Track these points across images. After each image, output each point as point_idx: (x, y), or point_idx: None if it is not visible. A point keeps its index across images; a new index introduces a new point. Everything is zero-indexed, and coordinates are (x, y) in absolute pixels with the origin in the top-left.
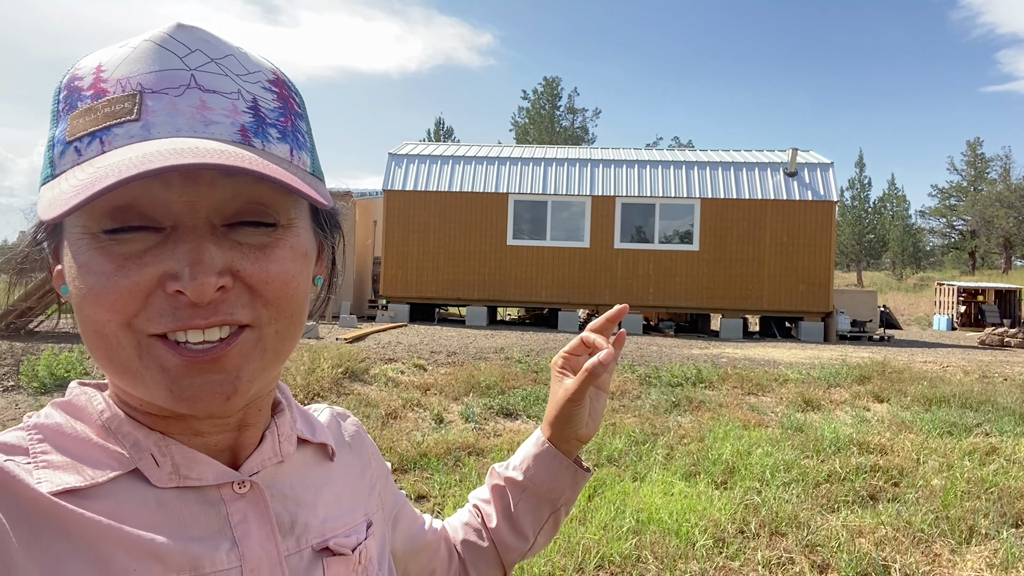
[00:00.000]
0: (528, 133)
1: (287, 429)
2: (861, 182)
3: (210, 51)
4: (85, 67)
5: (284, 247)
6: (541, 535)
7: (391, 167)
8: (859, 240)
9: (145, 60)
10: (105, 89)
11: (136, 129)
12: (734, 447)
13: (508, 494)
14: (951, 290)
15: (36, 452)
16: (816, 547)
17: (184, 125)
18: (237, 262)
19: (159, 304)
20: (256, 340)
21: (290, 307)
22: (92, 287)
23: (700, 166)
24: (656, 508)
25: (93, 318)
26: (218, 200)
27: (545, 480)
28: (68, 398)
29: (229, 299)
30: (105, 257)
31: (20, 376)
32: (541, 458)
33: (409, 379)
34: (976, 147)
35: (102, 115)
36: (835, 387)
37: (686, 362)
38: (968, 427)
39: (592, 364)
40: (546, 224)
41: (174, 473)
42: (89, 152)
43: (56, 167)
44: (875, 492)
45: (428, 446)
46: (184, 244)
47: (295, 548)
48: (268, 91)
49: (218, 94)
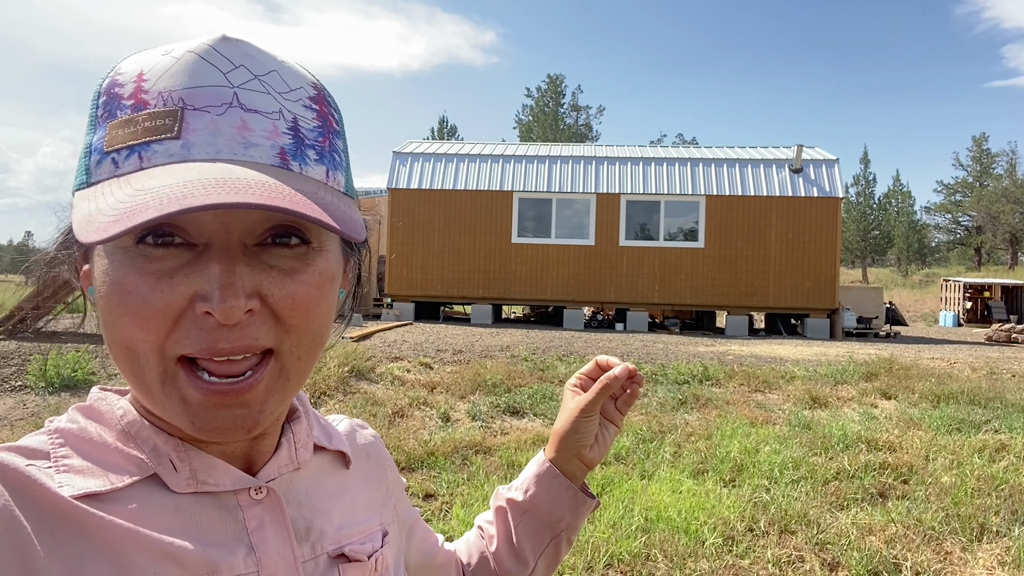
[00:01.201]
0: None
1: (303, 436)
2: (866, 178)
3: (253, 67)
4: (127, 73)
5: (312, 272)
6: (542, 560)
7: (395, 166)
8: (864, 237)
9: (188, 73)
10: (146, 101)
11: (176, 148)
12: (742, 445)
13: (509, 517)
14: (957, 286)
15: (57, 456)
16: (826, 545)
17: (224, 147)
18: (265, 286)
19: (188, 325)
20: (279, 371)
21: (311, 333)
22: (126, 305)
23: (705, 163)
24: (665, 506)
25: (125, 335)
26: (251, 222)
27: (545, 502)
28: (90, 403)
29: (255, 322)
30: (138, 276)
31: (28, 376)
32: (542, 478)
33: (415, 378)
34: (982, 142)
35: (142, 129)
36: (842, 384)
37: (692, 360)
38: (977, 424)
39: (608, 377)
40: (551, 222)
41: (192, 478)
42: (127, 166)
43: (92, 175)
44: (884, 489)
45: (435, 445)
46: (216, 265)
47: (311, 554)
48: (308, 109)
49: (259, 114)
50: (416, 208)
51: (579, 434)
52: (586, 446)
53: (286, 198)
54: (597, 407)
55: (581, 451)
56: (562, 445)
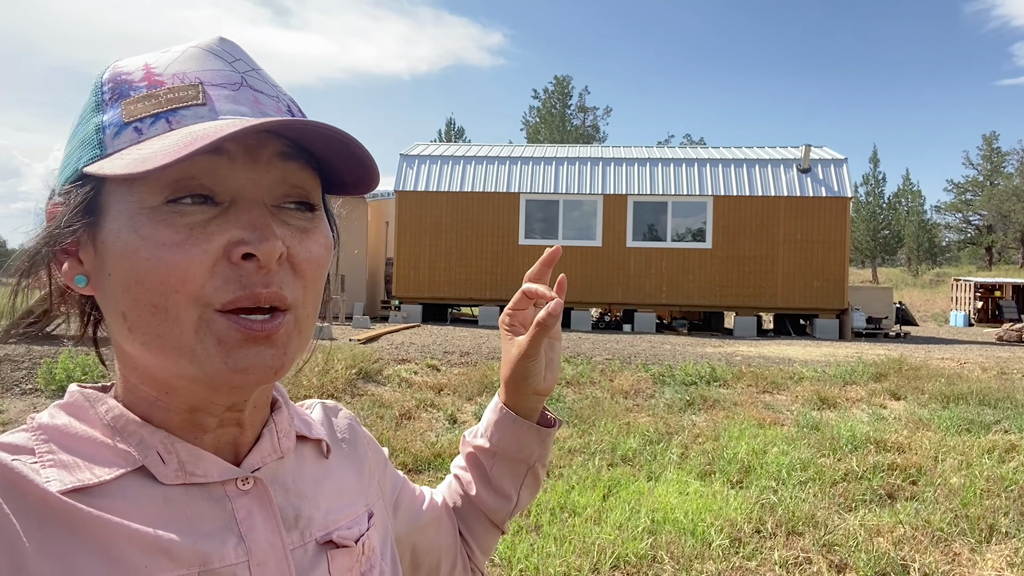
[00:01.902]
0: (539, 132)
1: (285, 426)
2: (875, 177)
3: (251, 63)
4: (129, 65)
5: (319, 233)
6: (523, 491)
7: (403, 168)
8: (874, 236)
9: (197, 60)
10: (161, 81)
11: (204, 111)
12: (749, 446)
13: (481, 461)
14: (968, 286)
15: (42, 452)
16: (834, 547)
17: (246, 112)
18: (287, 239)
19: (224, 272)
20: (295, 322)
21: (317, 290)
22: (162, 258)
23: (712, 163)
24: (671, 508)
25: (156, 289)
26: (271, 181)
27: (511, 444)
28: (70, 400)
29: (280, 272)
30: (171, 228)
31: (38, 379)
32: (502, 424)
33: (422, 379)
34: (992, 141)
35: (165, 100)
36: (851, 385)
37: (700, 360)
38: (987, 424)
39: (542, 317)
40: (558, 223)
41: (180, 470)
42: (153, 131)
43: (107, 147)
44: (893, 491)
45: (442, 446)
46: (248, 214)
47: (299, 542)
48: (293, 104)
49: (265, 95)
50: (423, 210)
51: (529, 377)
52: (537, 382)
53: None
54: (539, 347)
55: (534, 387)
56: (513, 389)
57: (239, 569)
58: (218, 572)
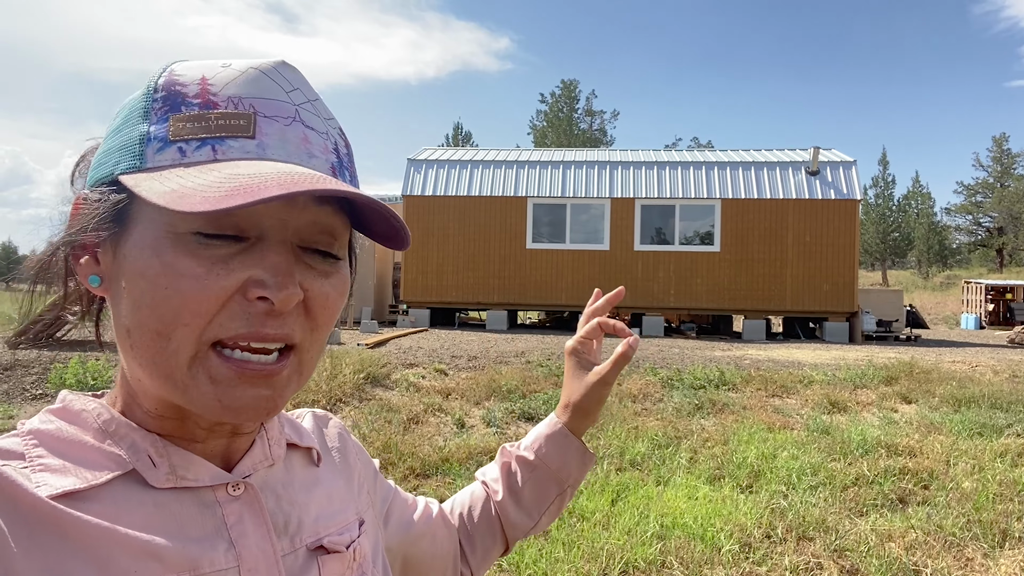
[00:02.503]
0: (546, 136)
1: (275, 433)
2: (885, 180)
3: (307, 92)
4: (186, 75)
5: (339, 278)
6: (546, 516)
7: (410, 172)
8: (884, 239)
9: (254, 85)
10: (215, 102)
11: (252, 146)
12: (759, 450)
13: (517, 472)
14: (979, 288)
15: (32, 456)
16: (845, 552)
17: (293, 153)
18: (307, 282)
19: (234, 308)
20: (298, 364)
21: (324, 335)
22: (179, 289)
23: (720, 166)
24: (681, 513)
25: (165, 318)
26: (303, 223)
27: (555, 460)
28: (61, 404)
29: (293, 314)
30: (194, 260)
31: (48, 384)
32: (554, 439)
33: (430, 384)
34: (1002, 142)
35: (215, 125)
36: (861, 388)
37: (709, 364)
38: (999, 428)
39: (624, 350)
40: (565, 227)
41: (171, 474)
42: (197, 156)
43: (147, 161)
44: (904, 495)
45: (450, 451)
46: (273, 256)
47: (290, 548)
48: (340, 137)
49: (315, 132)
50: (431, 215)
51: (601, 402)
52: (596, 409)
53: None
54: (615, 377)
55: (591, 413)
56: (582, 413)
57: (229, 574)
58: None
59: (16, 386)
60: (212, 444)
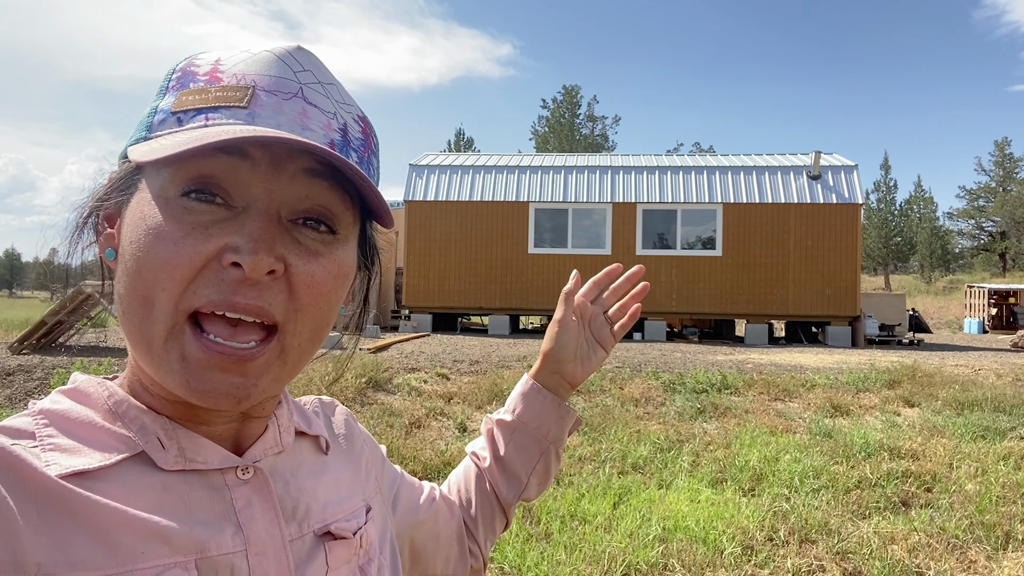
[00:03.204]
0: (548, 142)
1: (285, 421)
2: (887, 184)
3: (319, 75)
4: (204, 59)
5: (332, 260)
6: (533, 477)
7: (412, 178)
8: (886, 243)
9: (262, 64)
10: (220, 78)
11: (242, 115)
12: (761, 453)
13: (499, 437)
14: (982, 292)
15: (42, 436)
16: (847, 554)
17: (285, 123)
18: (291, 256)
19: (209, 275)
20: (280, 351)
21: (315, 320)
22: (158, 252)
23: (722, 171)
24: (683, 516)
25: (147, 281)
26: (293, 195)
27: (532, 417)
28: (73, 385)
29: (272, 288)
30: (176, 224)
31: (50, 389)
32: (527, 395)
33: (432, 388)
34: (1004, 147)
35: (213, 96)
36: (864, 392)
37: (711, 368)
38: (1002, 431)
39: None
40: (567, 232)
41: (180, 456)
42: (191, 124)
43: (152, 131)
44: (907, 498)
45: (452, 455)
46: (252, 223)
47: (298, 533)
48: (356, 123)
49: (318, 109)
50: (433, 220)
51: (555, 346)
52: (566, 360)
53: (346, 161)
54: (568, 317)
55: (562, 367)
56: (544, 361)
57: (236, 558)
58: (215, 560)
59: (19, 391)
60: (222, 428)
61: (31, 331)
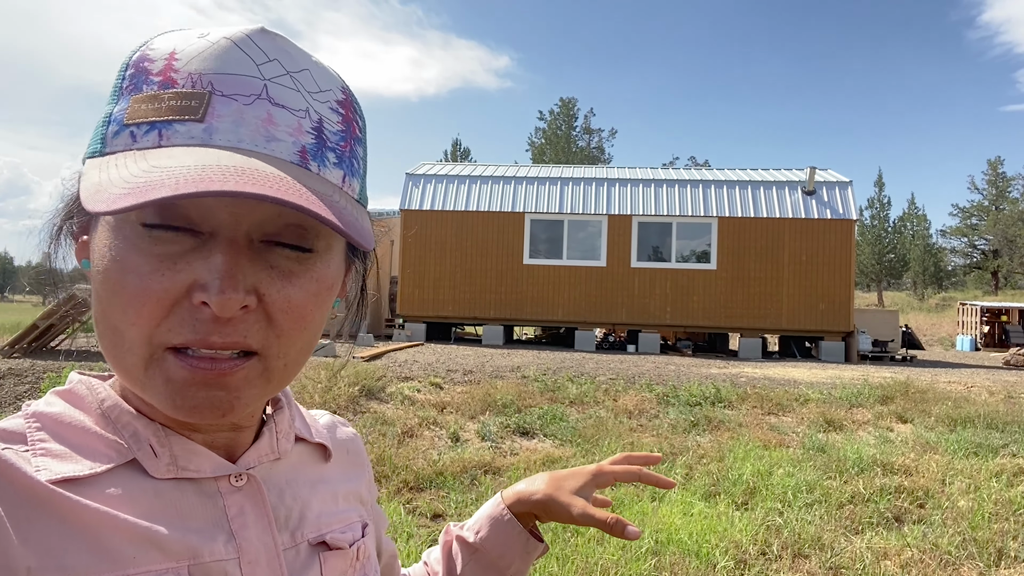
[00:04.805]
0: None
1: (285, 427)
2: (880, 201)
3: (287, 63)
4: (158, 50)
5: (310, 278)
6: None
7: (408, 187)
8: (879, 260)
9: (221, 59)
10: (174, 80)
11: (198, 131)
12: (755, 467)
13: (458, 555)
14: (974, 310)
15: (34, 440)
16: (840, 569)
17: (247, 137)
18: (264, 285)
19: (182, 314)
20: (262, 370)
21: (301, 340)
22: (125, 286)
23: (717, 185)
24: (675, 529)
25: (119, 313)
26: (262, 217)
27: (495, 546)
28: (69, 387)
29: (248, 320)
30: (142, 257)
31: (41, 394)
32: (496, 522)
33: (425, 397)
34: (997, 166)
35: (166, 107)
36: (857, 407)
37: (704, 381)
38: (994, 448)
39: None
40: (562, 243)
41: (172, 464)
42: (145, 141)
43: (106, 145)
44: (900, 514)
45: (444, 464)
46: (219, 255)
47: (291, 542)
48: (335, 112)
49: (286, 110)
50: (428, 229)
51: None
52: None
53: (302, 196)
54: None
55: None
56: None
57: (229, 565)
58: (209, 566)
59: (8, 395)
60: (215, 435)
61: (23, 335)
